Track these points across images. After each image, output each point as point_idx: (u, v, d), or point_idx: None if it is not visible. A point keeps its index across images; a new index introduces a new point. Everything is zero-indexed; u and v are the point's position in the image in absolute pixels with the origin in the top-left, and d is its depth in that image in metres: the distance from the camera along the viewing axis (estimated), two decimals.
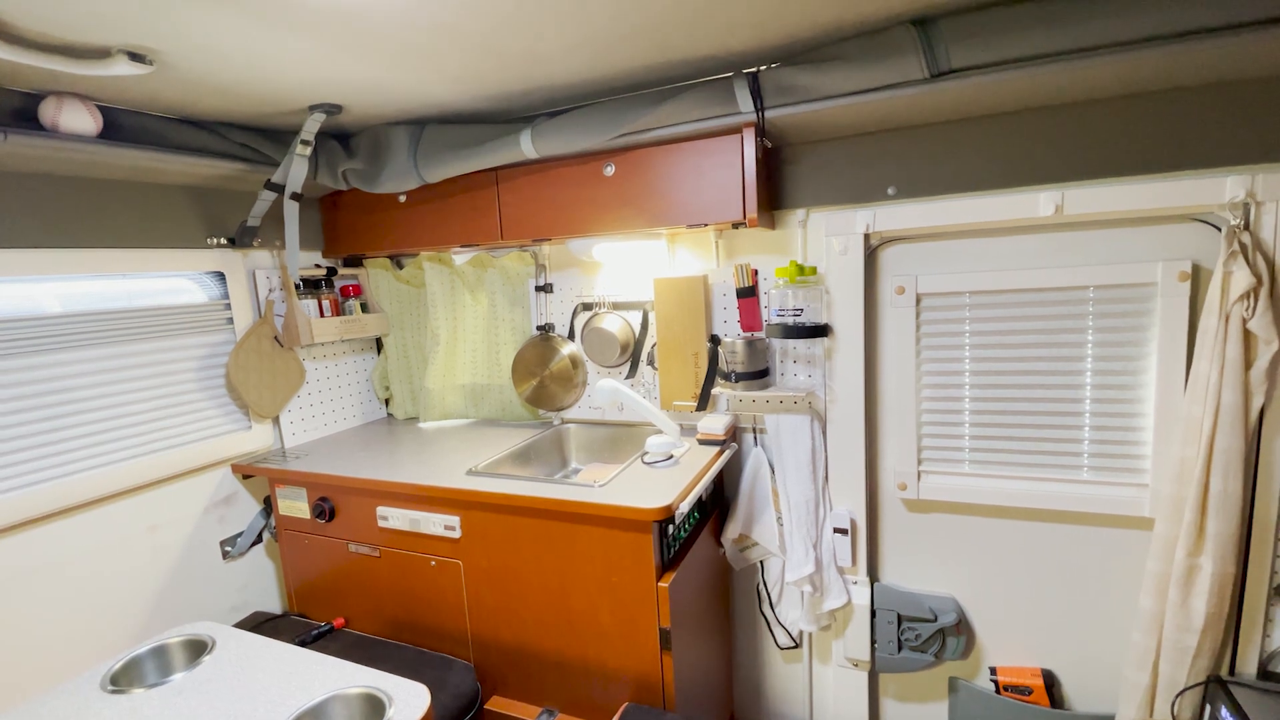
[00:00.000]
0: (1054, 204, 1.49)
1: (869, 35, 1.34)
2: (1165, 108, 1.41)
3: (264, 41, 1.23)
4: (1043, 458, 1.65)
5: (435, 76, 1.48)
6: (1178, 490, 1.44)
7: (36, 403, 1.58)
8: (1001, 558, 1.73)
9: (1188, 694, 1.46)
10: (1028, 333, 1.62)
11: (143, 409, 1.79)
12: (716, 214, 1.61)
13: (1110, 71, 1.27)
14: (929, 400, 1.74)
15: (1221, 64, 1.27)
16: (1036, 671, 1.70)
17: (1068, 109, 1.48)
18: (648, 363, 2.07)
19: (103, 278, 1.72)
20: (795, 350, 1.84)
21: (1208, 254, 1.45)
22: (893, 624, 1.79)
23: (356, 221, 2.16)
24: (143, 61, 1.27)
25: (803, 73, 1.43)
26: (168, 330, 1.85)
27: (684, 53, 1.42)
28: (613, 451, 2.10)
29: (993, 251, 1.63)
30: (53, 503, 1.59)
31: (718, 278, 1.93)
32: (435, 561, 1.75)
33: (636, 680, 1.56)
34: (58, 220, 1.60)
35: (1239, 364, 1.36)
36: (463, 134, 1.79)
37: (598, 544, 1.54)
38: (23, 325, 1.55)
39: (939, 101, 1.43)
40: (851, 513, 1.81)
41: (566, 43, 1.31)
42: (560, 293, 2.19)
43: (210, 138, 1.73)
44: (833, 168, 1.72)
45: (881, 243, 1.73)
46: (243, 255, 2.02)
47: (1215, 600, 1.41)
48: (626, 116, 1.59)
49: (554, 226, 1.82)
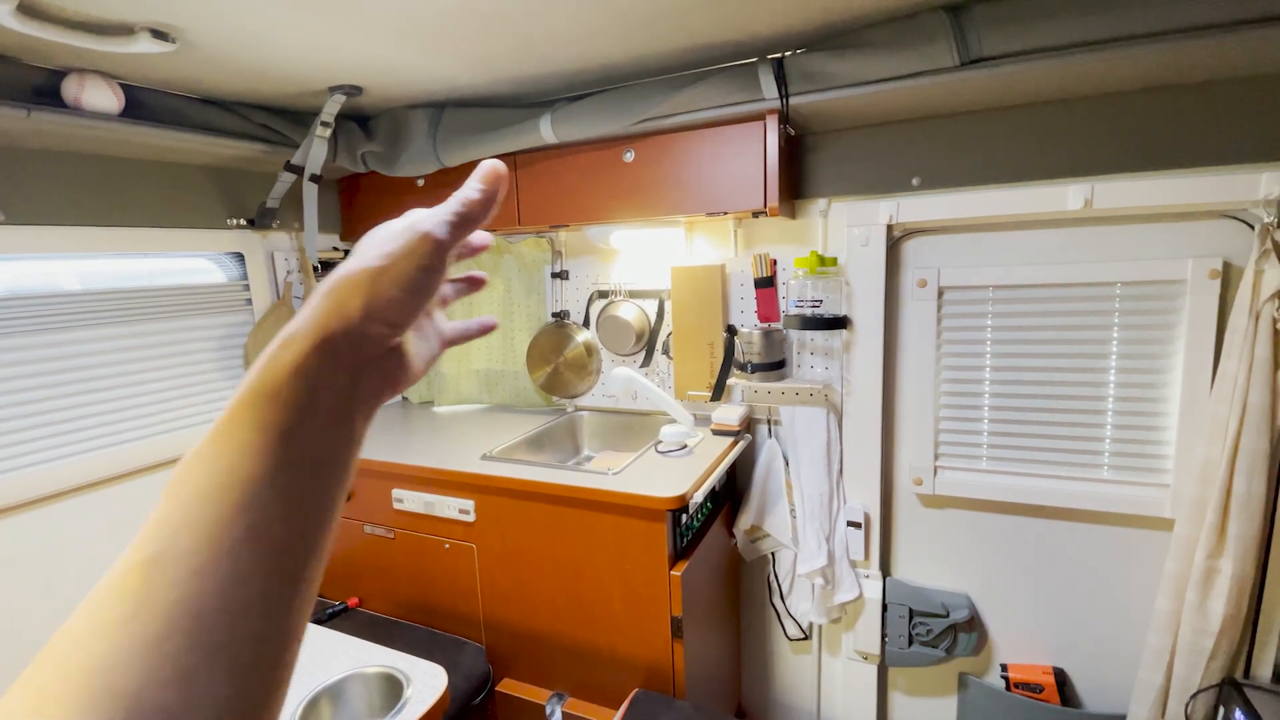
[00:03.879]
0: (1083, 198, 1.46)
1: (899, 21, 1.32)
2: (1200, 101, 1.38)
3: (286, 21, 1.22)
4: (1062, 455, 1.63)
5: (455, 59, 1.46)
6: (1200, 491, 1.42)
7: (57, 379, 1.59)
8: (1016, 555, 1.72)
9: (1201, 696, 1.45)
10: (1051, 328, 1.59)
11: (161, 387, 1.81)
12: (736, 202, 1.60)
13: (1148, 62, 1.24)
14: (948, 395, 1.72)
15: (1262, 56, 1.23)
16: (1048, 669, 1.69)
17: (1099, 100, 1.45)
18: (663, 352, 2.06)
19: (123, 256, 1.73)
20: (813, 342, 1.83)
21: (1239, 251, 1.42)
22: (904, 618, 1.78)
23: (374, 205, 2.16)
24: (166, 39, 1.26)
25: (829, 59, 1.40)
26: (187, 310, 1.86)
27: (708, 37, 1.39)
28: (626, 440, 2.10)
29: (1018, 245, 1.60)
30: (71, 479, 1.61)
31: (735, 267, 1.91)
32: (449, 544, 1.76)
33: (647, 667, 1.57)
34: (79, 198, 1.61)
35: (1268, 364, 1.33)
36: (482, 117, 1.78)
37: (610, 531, 1.54)
38: (44, 302, 1.57)
39: (968, 90, 1.40)
40: (865, 506, 1.80)
41: (589, 24, 1.29)
42: (576, 280, 2.18)
43: (231, 118, 1.72)
44: (856, 157, 1.70)
45: (904, 234, 1.71)
46: (262, 237, 2.03)
47: (1234, 603, 1.39)
48: (647, 102, 1.57)
49: (571, 213, 1.81)
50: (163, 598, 0.24)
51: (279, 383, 0.28)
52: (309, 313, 0.30)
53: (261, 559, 0.26)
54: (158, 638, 0.23)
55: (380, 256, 0.30)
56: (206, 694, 0.23)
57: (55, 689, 0.22)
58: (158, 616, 0.23)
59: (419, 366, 0.36)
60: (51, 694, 0.22)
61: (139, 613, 0.23)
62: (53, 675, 0.23)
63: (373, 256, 0.30)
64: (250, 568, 0.25)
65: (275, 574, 0.26)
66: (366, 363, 0.31)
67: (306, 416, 0.28)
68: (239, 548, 0.25)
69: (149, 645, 0.23)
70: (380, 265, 0.30)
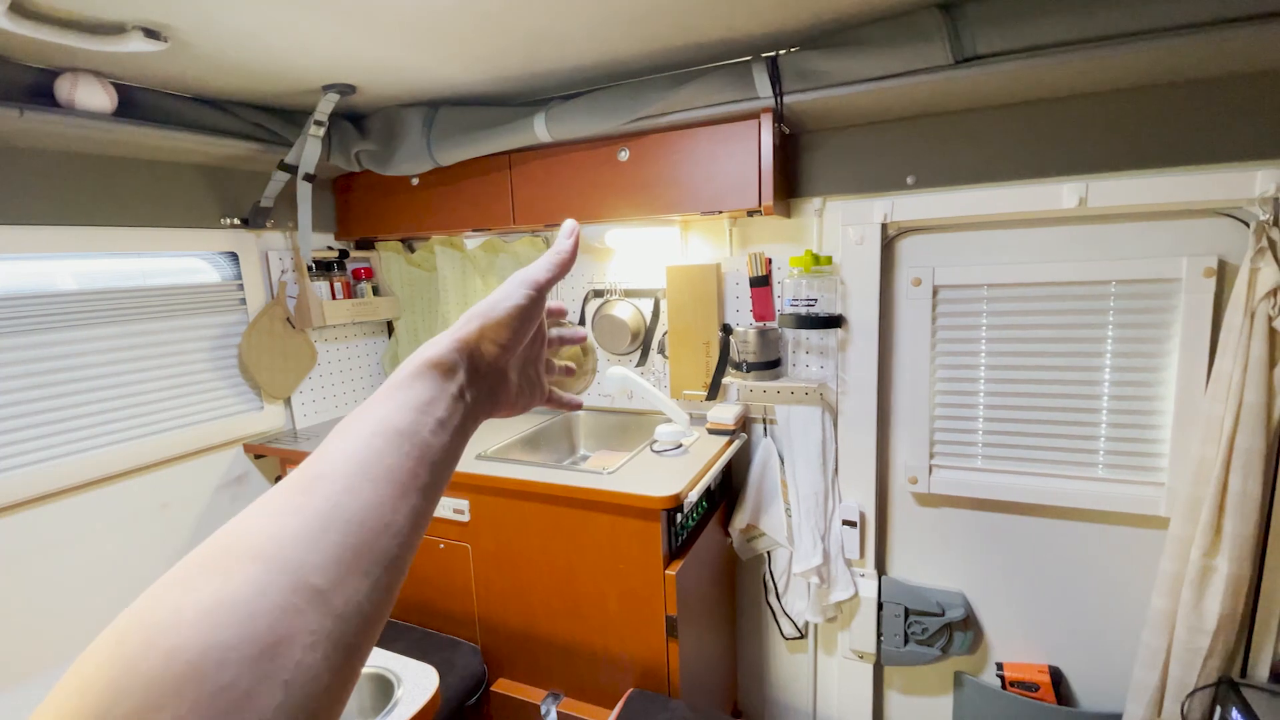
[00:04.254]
0: (1078, 196, 1.46)
1: (893, 19, 1.31)
2: (1195, 98, 1.37)
3: (278, 20, 1.21)
4: (1057, 454, 1.62)
5: (449, 57, 1.46)
6: (1195, 490, 1.42)
7: (50, 379, 1.59)
8: (1012, 554, 1.71)
9: (1198, 695, 1.45)
10: (1046, 327, 1.59)
11: (156, 387, 1.80)
12: (731, 201, 1.59)
13: (1142, 59, 1.24)
14: (942, 394, 1.72)
15: (1254, 54, 1.23)
16: (1044, 668, 1.69)
17: (1094, 98, 1.45)
18: (658, 351, 2.06)
19: (117, 256, 1.73)
20: (808, 341, 1.83)
21: (1234, 249, 1.42)
22: (899, 617, 1.78)
23: (369, 204, 2.15)
24: (157, 38, 1.26)
25: (823, 57, 1.40)
26: (181, 310, 1.85)
27: (702, 34, 1.39)
28: (622, 439, 2.10)
29: (1013, 244, 1.60)
30: (66, 479, 1.61)
31: (731, 266, 1.91)
32: (444, 544, 1.76)
33: (642, 666, 1.56)
34: (72, 198, 1.60)
35: (1263, 362, 1.33)
36: (476, 116, 1.78)
37: (605, 531, 1.54)
38: (37, 302, 1.56)
39: (963, 88, 1.39)
40: (861, 505, 1.80)
41: (582, 20, 1.29)
42: (571, 279, 2.17)
43: (224, 117, 1.72)
44: (851, 156, 1.69)
45: (899, 233, 1.70)
46: (256, 236, 2.02)
47: (1229, 601, 1.39)
48: (641, 100, 1.57)
49: (566, 212, 1.80)
50: (324, 502, 0.30)
51: (423, 368, 0.39)
52: (450, 329, 0.42)
53: (395, 493, 0.33)
54: (320, 529, 0.29)
55: (496, 295, 0.44)
56: (349, 585, 0.28)
57: (233, 548, 0.27)
58: (320, 514, 0.30)
59: (517, 399, 0.47)
60: (231, 551, 0.27)
61: (304, 507, 0.30)
62: (227, 539, 0.28)
63: (492, 298, 0.44)
64: (387, 498, 0.32)
65: (403, 509, 0.33)
66: (479, 371, 0.42)
67: (439, 395, 0.39)
68: (380, 480, 0.33)
69: (313, 533, 0.29)
70: (493, 299, 0.44)
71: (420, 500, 0.34)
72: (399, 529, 0.32)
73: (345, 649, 0.27)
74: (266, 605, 0.25)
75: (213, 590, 0.25)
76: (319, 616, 0.27)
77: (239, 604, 0.25)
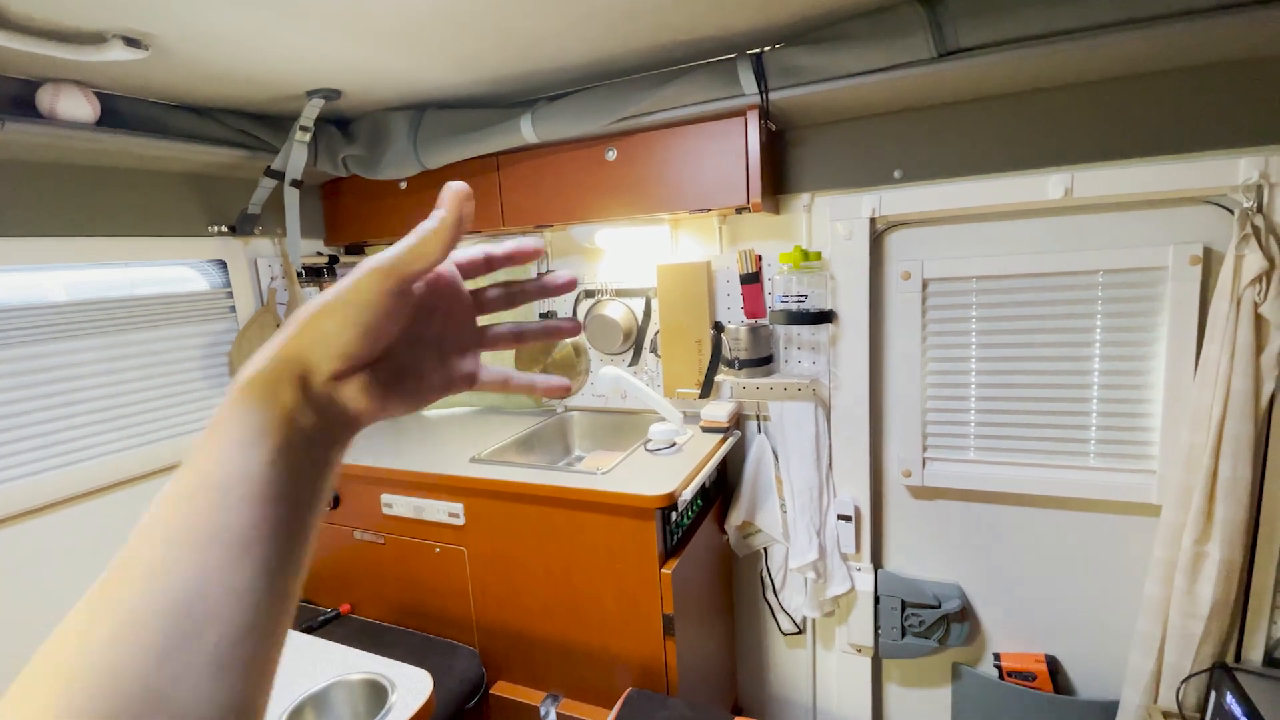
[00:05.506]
0: (1063, 186, 1.47)
1: (875, 14, 1.32)
2: (1178, 87, 1.38)
3: (259, 26, 1.21)
4: (1049, 444, 1.63)
5: (434, 60, 1.46)
6: (1186, 476, 1.42)
7: (39, 391, 1.58)
8: (1006, 544, 1.72)
9: (1193, 680, 1.45)
10: (1035, 318, 1.60)
11: (146, 397, 1.79)
12: (720, 199, 1.59)
13: (1124, 49, 1.24)
14: (934, 386, 1.72)
15: (1236, 42, 1.23)
16: (1040, 658, 1.70)
17: (1078, 89, 1.45)
18: (651, 350, 2.06)
19: (104, 266, 1.72)
20: (799, 337, 1.83)
21: (1220, 237, 1.42)
22: (896, 610, 1.78)
23: (358, 209, 2.15)
24: (138, 46, 1.25)
25: (807, 53, 1.40)
26: (170, 319, 1.85)
27: (686, 33, 1.39)
28: (616, 439, 2.10)
29: (1000, 236, 1.61)
30: (56, 492, 1.60)
31: (721, 264, 1.91)
32: (440, 548, 1.76)
33: (640, 666, 1.56)
34: (58, 208, 1.59)
35: (1250, 349, 1.34)
36: (463, 119, 1.77)
37: (601, 531, 1.54)
38: (24, 314, 1.55)
39: (947, 82, 1.40)
40: (855, 500, 1.80)
41: (565, 20, 1.29)
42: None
43: (209, 124, 1.71)
44: (838, 151, 1.69)
45: (887, 227, 1.71)
46: (244, 243, 2.01)
47: (1222, 587, 1.40)
48: (628, 100, 1.57)
49: (556, 212, 1.80)
50: (129, 592, 0.26)
51: (239, 395, 0.32)
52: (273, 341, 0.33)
53: (229, 556, 0.28)
54: (137, 624, 0.25)
55: (330, 293, 0.33)
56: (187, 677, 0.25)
57: (34, 689, 0.24)
58: (133, 610, 0.26)
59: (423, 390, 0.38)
60: (32, 693, 0.24)
61: (103, 613, 0.26)
62: (31, 676, 0.25)
63: (334, 289, 0.33)
64: (216, 562, 0.27)
65: (246, 566, 0.28)
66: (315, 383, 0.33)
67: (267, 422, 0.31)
68: (205, 546, 0.28)
69: (126, 633, 0.25)
70: (334, 290, 0.32)
71: (270, 547, 0.29)
72: (244, 589, 0.28)
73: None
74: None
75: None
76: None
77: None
